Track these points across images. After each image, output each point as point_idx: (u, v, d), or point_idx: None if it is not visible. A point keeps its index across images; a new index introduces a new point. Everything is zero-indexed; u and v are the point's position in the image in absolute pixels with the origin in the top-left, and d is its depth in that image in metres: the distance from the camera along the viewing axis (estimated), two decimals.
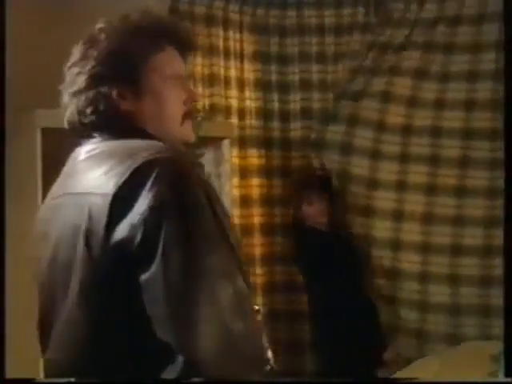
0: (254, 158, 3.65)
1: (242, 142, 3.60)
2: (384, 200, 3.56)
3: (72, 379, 1.42)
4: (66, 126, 1.49)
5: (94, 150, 1.42)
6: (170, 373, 1.22)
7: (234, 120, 3.55)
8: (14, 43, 2.62)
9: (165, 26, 1.51)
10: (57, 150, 2.85)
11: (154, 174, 1.25)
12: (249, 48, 3.64)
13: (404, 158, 3.54)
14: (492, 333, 3.39)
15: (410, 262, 3.53)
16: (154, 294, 1.21)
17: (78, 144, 1.49)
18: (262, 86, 3.68)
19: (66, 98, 1.48)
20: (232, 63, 3.56)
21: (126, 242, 1.23)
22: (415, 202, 3.53)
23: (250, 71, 3.64)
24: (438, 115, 3.51)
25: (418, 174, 3.53)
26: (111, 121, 1.43)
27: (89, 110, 1.43)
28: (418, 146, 3.53)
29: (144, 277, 1.22)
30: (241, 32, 3.62)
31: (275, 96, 3.70)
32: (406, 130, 3.55)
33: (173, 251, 1.21)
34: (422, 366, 3.24)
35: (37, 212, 2.64)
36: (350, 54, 3.65)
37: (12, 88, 2.59)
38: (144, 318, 1.23)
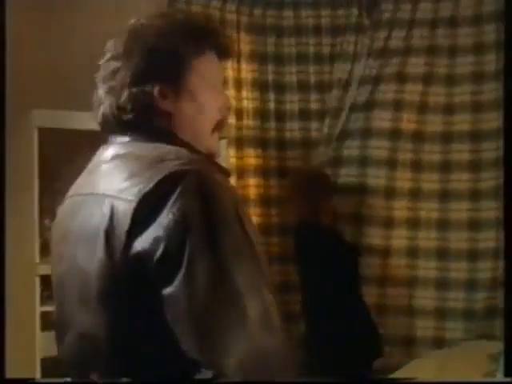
0: (251, 158, 3.64)
1: (239, 143, 3.60)
2: (400, 210, 3.57)
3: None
4: (98, 120, 1.45)
5: (121, 150, 1.39)
6: None
7: (231, 120, 3.55)
8: (13, 43, 2.62)
9: (208, 30, 1.48)
10: (54, 150, 2.86)
11: (180, 187, 1.22)
12: (246, 48, 3.64)
13: (417, 166, 3.54)
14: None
15: (427, 268, 3.53)
16: (178, 309, 1.18)
17: (105, 141, 1.46)
18: (259, 86, 3.68)
19: (100, 92, 1.44)
20: (229, 63, 3.56)
21: (146, 253, 1.20)
22: (430, 209, 3.53)
23: (246, 71, 3.64)
24: (447, 120, 3.51)
25: (431, 181, 3.53)
26: (148, 121, 1.40)
27: (129, 107, 1.39)
28: (431, 152, 3.53)
29: (167, 291, 1.19)
30: (238, 32, 3.61)
31: (272, 96, 3.70)
32: (419, 137, 3.55)
33: (198, 267, 1.18)
34: (420, 366, 3.25)
35: (33, 211, 2.63)
36: (346, 55, 3.66)
37: (9, 88, 2.59)
38: (165, 330, 1.20)
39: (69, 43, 3.00)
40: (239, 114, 3.61)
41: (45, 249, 2.69)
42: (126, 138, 1.41)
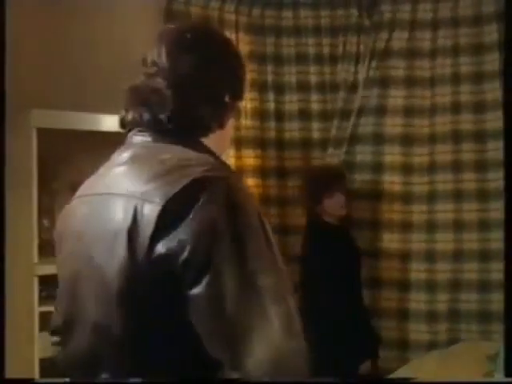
0: (250, 158, 3.65)
1: (238, 143, 3.60)
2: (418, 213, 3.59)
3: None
4: (128, 119, 1.45)
5: (142, 151, 1.40)
6: None
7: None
8: (13, 43, 2.62)
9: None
10: (53, 151, 2.86)
11: (207, 193, 1.25)
12: (244, 48, 3.63)
13: (432, 168, 3.57)
14: None
15: (443, 271, 3.55)
16: (203, 310, 1.21)
17: (121, 141, 1.47)
18: (258, 86, 3.68)
19: (139, 92, 1.45)
20: None
21: (172, 255, 1.22)
22: (446, 211, 3.56)
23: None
24: (456, 119, 3.54)
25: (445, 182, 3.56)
26: (190, 128, 1.43)
27: (204, 114, 1.43)
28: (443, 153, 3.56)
29: (193, 292, 1.21)
30: (236, 32, 3.61)
31: (271, 96, 3.70)
32: (431, 139, 3.57)
33: (225, 270, 1.21)
34: (420, 366, 3.25)
35: (32, 210, 2.62)
36: (350, 56, 3.66)
37: (9, 88, 2.59)
38: (186, 330, 1.23)
39: (68, 43, 2.99)
40: (238, 114, 3.61)
41: (43, 249, 2.68)
42: (148, 139, 1.42)
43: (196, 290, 1.21)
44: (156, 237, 1.24)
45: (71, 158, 2.84)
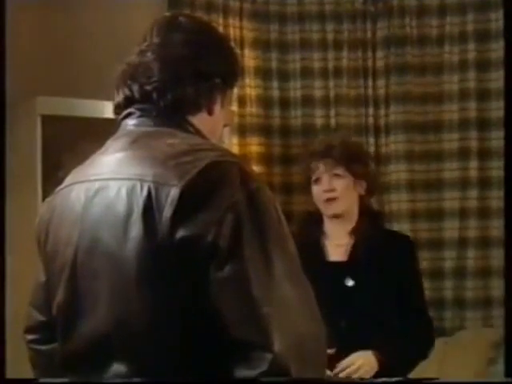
0: (254, 145, 3.64)
1: (242, 130, 3.59)
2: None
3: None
4: (120, 102, 1.45)
5: (144, 137, 1.38)
6: (246, 368, 1.22)
7: (234, 108, 3.54)
8: (16, 29, 2.61)
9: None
10: (57, 138, 2.85)
11: (226, 176, 1.26)
12: (249, 35, 3.62)
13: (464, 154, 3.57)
14: None
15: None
16: (230, 293, 1.22)
17: (116, 127, 1.45)
18: (263, 73, 3.67)
19: (132, 74, 1.43)
20: None
21: (194, 238, 1.23)
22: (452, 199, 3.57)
23: (249, 58, 3.62)
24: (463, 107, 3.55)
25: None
26: (186, 112, 1.42)
27: (191, 97, 1.42)
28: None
29: (217, 276, 1.22)
30: (241, 19, 3.60)
31: (275, 83, 3.69)
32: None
33: (248, 254, 1.23)
34: None
35: (36, 199, 2.61)
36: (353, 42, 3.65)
37: (12, 75, 2.59)
38: (210, 313, 1.23)
39: (73, 30, 2.98)
40: (242, 101, 3.60)
41: None
42: (145, 125, 1.41)
43: (224, 272, 1.22)
44: (177, 220, 1.24)
45: (77, 145, 2.84)
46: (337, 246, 2.53)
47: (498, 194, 3.46)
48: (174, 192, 1.25)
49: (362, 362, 2.35)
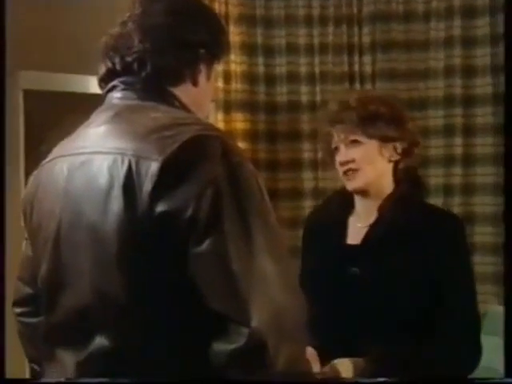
0: (240, 122, 3.62)
1: (227, 106, 3.57)
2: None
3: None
4: (102, 74, 1.45)
5: (128, 110, 1.38)
6: (224, 342, 1.22)
7: (219, 84, 3.52)
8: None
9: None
10: (40, 114, 2.83)
11: (207, 150, 1.25)
12: (234, 11, 3.59)
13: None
14: None
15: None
16: (209, 268, 1.22)
17: (103, 98, 1.45)
18: (248, 49, 3.64)
19: (113, 45, 1.43)
20: None
21: (174, 213, 1.23)
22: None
23: (235, 34, 3.60)
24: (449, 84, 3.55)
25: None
26: (167, 83, 1.41)
27: (172, 66, 1.41)
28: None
29: (197, 251, 1.22)
30: None
31: (261, 59, 3.67)
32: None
33: (228, 229, 1.22)
34: None
35: (19, 173, 2.58)
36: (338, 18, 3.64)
37: None
38: (189, 287, 1.23)
39: (56, 3, 2.94)
40: (227, 77, 3.58)
41: None
42: (128, 99, 1.40)
43: (202, 247, 1.22)
44: (156, 194, 1.24)
45: (60, 120, 2.81)
46: (363, 227, 2.07)
47: (482, 170, 3.49)
48: (153, 166, 1.24)
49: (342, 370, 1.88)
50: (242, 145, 3.58)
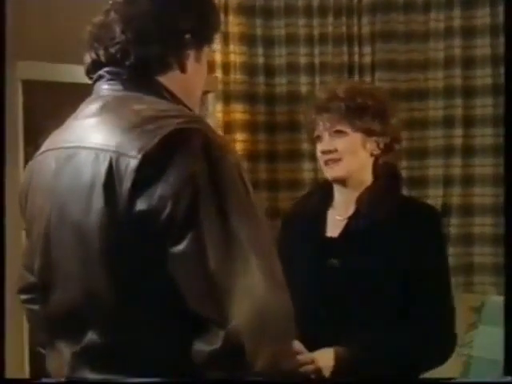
0: (239, 113, 3.61)
1: (227, 97, 3.56)
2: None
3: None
4: (88, 65, 1.43)
5: (113, 102, 1.35)
6: (203, 343, 1.21)
7: (218, 74, 3.51)
8: None
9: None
10: (39, 104, 2.82)
11: (186, 145, 1.22)
12: (233, 1, 3.57)
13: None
14: None
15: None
16: (188, 267, 1.20)
17: (90, 90, 1.43)
18: (247, 39, 3.63)
19: (98, 35, 1.41)
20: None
21: (153, 211, 1.20)
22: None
23: (234, 25, 3.58)
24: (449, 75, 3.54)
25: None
26: (153, 72, 1.38)
27: (156, 53, 1.38)
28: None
29: (176, 249, 1.20)
30: None
31: (260, 50, 3.66)
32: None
33: (207, 226, 1.19)
34: None
35: (18, 165, 2.58)
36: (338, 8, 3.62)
37: None
38: (171, 287, 1.22)
39: None
40: (226, 68, 3.56)
41: None
42: (116, 88, 1.38)
43: (180, 247, 1.19)
44: (135, 192, 1.21)
45: (59, 111, 2.80)
46: (342, 219, 2.11)
47: (482, 161, 3.48)
48: (132, 164, 1.22)
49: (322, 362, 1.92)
50: (241, 136, 3.58)
